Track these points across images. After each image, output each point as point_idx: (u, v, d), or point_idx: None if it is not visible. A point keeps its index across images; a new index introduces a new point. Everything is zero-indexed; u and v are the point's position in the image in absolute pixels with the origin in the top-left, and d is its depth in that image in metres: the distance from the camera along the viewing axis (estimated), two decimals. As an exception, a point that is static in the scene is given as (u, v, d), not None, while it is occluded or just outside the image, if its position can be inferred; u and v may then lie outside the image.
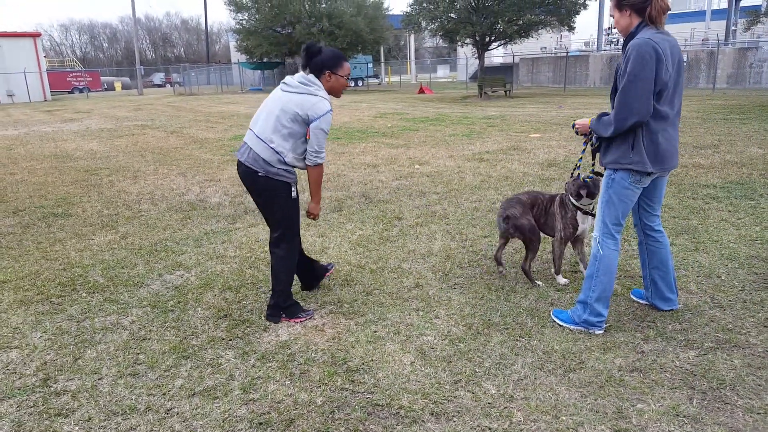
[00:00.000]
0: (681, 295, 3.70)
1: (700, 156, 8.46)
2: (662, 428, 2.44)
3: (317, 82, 3.33)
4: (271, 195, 3.39)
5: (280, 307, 3.54)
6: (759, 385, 2.72)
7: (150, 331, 3.47)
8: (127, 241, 5.31)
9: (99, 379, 2.95)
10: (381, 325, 3.45)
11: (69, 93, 46.48)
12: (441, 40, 33.23)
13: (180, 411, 2.67)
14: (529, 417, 2.54)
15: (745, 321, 3.35)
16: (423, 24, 29.44)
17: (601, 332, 3.25)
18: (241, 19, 37.47)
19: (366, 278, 4.20)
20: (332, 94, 3.43)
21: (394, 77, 51.23)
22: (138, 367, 3.06)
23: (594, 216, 3.77)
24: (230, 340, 3.33)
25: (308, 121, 3.25)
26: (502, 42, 29.73)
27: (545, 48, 40.97)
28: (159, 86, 57.70)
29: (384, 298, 3.84)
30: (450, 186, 7.13)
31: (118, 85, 53.26)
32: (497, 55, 42.62)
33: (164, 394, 2.80)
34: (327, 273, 4.06)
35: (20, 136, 14.73)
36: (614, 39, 35.04)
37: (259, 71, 46.99)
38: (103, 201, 6.98)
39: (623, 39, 3.09)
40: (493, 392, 2.73)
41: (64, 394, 2.83)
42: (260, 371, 2.98)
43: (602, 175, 3.57)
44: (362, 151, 10.24)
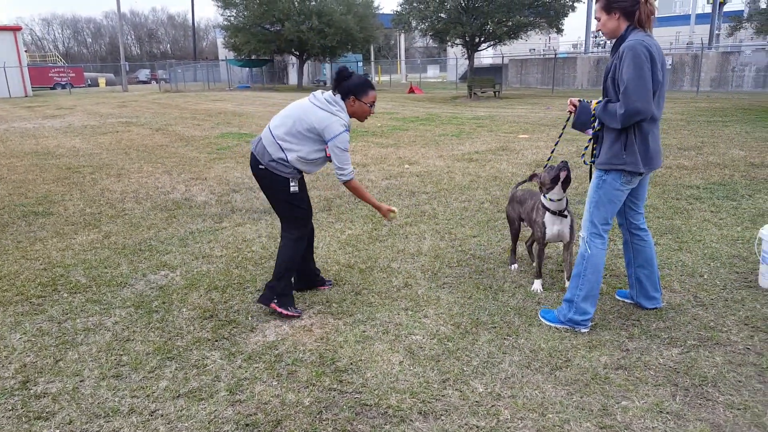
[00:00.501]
0: (665, 294, 3.74)
1: (684, 157, 8.56)
2: (646, 425, 2.46)
3: (341, 104, 3.49)
4: (271, 188, 3.55)
5: (275, 293, 3.58)
6: (740, 382, 2.77)
7: (134, 332, 3.43)
8: (111, 241, 5.25)
9: (81, 381, 2.91)
10: (370, 325, 3.44)
11: (51, 89, 45.91)
12: (431, 40, 33.31)
13: (164, 413, 2.64)
14: (516, 415, 2.55)
15: (727, 319, 3.40)
16: (413, 23, 29.51)
17: (587, 331, 3.28)
18: (229, 16, 37.19)
19: (355, 278, 4.19)
20: (355, 118, 3.59)
21: (384, 77, 51.24)
22: (121, 369, 3.02)
23: (566, 216, 3.72)
24: (216, 341, 3.30)
25: (325, 140, 3.42)
26: (492, 43, 29.88)
27: (534, 49, 41.19)
28: (144, 83, 57.19)
29: (373, 298, 3.83)
30: (439, 186, 7.14)
31: (102, 81, 52.70)
32: (487, 56, 42.79)
33: (148, 396, 2.77)
34: (322, 287, 4.03)
35: (0, 133, 14.51)
36: (602, 41, 35.31)
37: (247, 68, 46.74)
38: (86, 199, 6.90)
39: (612, 42, 3.10)
40: (481, 391, 2.73)
41: (45, 397, 2.78)
42: (247, 372, 2.96)
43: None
44: (352, 151, 10.17)
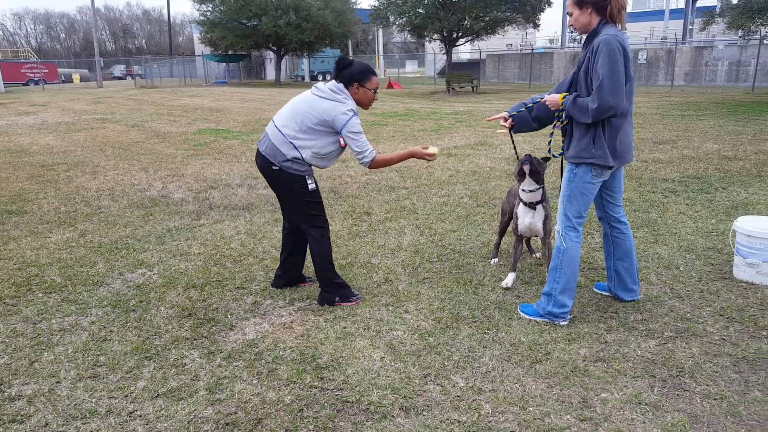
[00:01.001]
0: (642, 286, 3.79)
1: (659, 151, 8.69)
2: (625, 416, 2.49)
3: (346, 92, 3.45)
4: (288, 188, 3.50)
5: (335, 291, 3.63)
6: (716, 372, 2.81)
7: (111, 332, 3.37)
8: (86, 239, 5.16)
9: (57, 383, 2.85)
10: (350, 321, 3.43)
11: (24, 85, 44.87)
12: (409, 36, 33.28)
13: (143, 413, 2.60)
14: (497, 409, 2.56)
15: (703, 310, 3.46)
16: (391, 19, 29.47)
17: (566, 323, 3.31)
18: (206, 11, 36.71)
19: (334, 274, 4.17)
20: (359, 106, 3.55)
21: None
22: (98, 369, 2.96)
23: (535, 209, 3.72)
24: (195, 340, 3.26)
25: (338, 130, 3.38)
26: (469, 38, 29.99)
27: (511, 45, 41.48)
28: (119, 78, 56.24)
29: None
30: (419, 181, 7.15)
31: (77, 77, 51.63)
32: (464, 51, 42.97)
33: (126, 397, 2.72)
34: (302, 284, 4.01)
35: (-28, 130, 14.16)
36: (578, 37, 35.69)
37: (224, 64, 46.25)
38: (61, 197, 6.76)
39: (584, 36, 3.12)
40: (462, 385, 2.74)
41: (19, 399, 2.72)
42: (226, 371, 2.93)
43: (548, 159, 3.66)
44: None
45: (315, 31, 34.42)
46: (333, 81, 3.49)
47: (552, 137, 3.60)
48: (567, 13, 3.14)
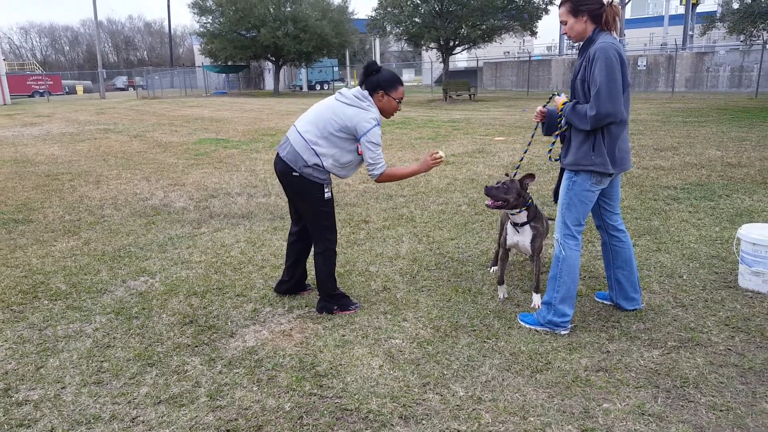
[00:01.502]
0: (644, 295, 3.78)
1: (661, 158, 8.69)
2: (628, 427, 2.48)
3: (370, 99, 3.41)
4: (306, 195, 3.46)
5: (335, 300, 3.64)
6: (721, 383, 2.79)
7: (114, 339, 3.39)
8: (90, 247, 5.17)
9: (62, 388, 2.87)
10: (349, 329, 3.43)
11: (29, 97, 45.14)
12: (406, 45, 33.46)
13: (146, 419, 2.61)
14: (498, 418, 2.56)
15: (707, 320, 3.44)
16: (388, 28, 29.66)
17: (567, 333, 3.30)
18: (206, 23, 37.00)
19: (334, 282, 4.18)
20: (382, 114, 3.50)
21: (361, 81, 51.16)
22: (102, 375, 2.98)
23: (523, 230, 3.61)
24: (196, 347, 3.27)
25: (357, 136, 3.33)
26: (466, 46, 30.14)
27: (508, 52, 41.63)
28: (122, 90, 56.50)
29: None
30: (416, 189, 7.16)
31: (80, 89, 51.90)
32: (461, 60, 43.14)
33: (129, 403, 2.73)
34: (303, 292, 4.01)
35: (-25, 141, 14.22)
36: (576, 44, 35.83)
37: (224, 74, 46.47)
38: (65, 206, 6.79)
39: (580, 44, 3.15)
40: (462, 394, 2.74)
41: (26, 404, 2.74)
42: (227, 378, 2.93)
43: (532, 177, 3.59)
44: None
45: (313, 42, 34.64)
46: (357, 87, 3.44)
47: (553, 146, 3.60)
48: (561, 22, 3.16)
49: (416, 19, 27.89)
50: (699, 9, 33.18)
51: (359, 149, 3.38)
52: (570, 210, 3.21)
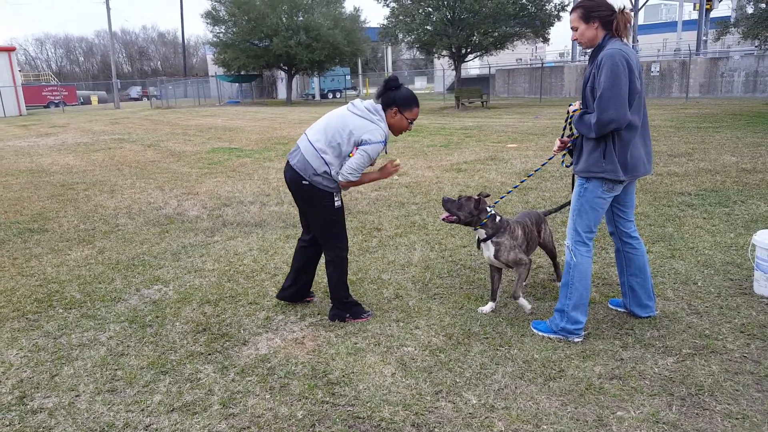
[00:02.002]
0: (658, 302, 3.74)
1: (675, 164, 8.63)
2: (641, 434, 2.46)
3: (382, 114, 3.42)
4: (315, 203, 3.48)
5: (347, 309, 3.64)
6: (737, 391, 2.75)
7: (128, 347, 3.42)
8: (104, 256, 5.23)
9: (76, 396, 2.89)
10: (361, 337, 3.43)
11: (44, 107, 45.87)
12: (418, 52, 33.54)
13: (159, 427, 2.62)
14: (510, 426, 2.54)
15: (722, 327, 3.40)
16: (400, 36, 29.73)
17: (580, 340, 3.28)
18: (219, 33, 37.39)
19: (346, 290, 4.19)
20: (391, 130, 3.50)
21: (372, 89, 51.43)
22: (116, 384, 3.00)
23: (485, 245, 3.59)
24: (209, 355, 3.29)
25: (357, 142, 3.34)
26: (478, 54, 30.12)
27: (521, 59, 41.57)
28: (136, 100, 57.19)
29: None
30: (429, 196, 7.16)
31: (95, 99, 52.64)
32: (474, 67, 43.13)
33: (143, 411, 2.75)
34: (307, 299, 4.02)
35: (-7, 151, 14.46)
36: (588, 50, 35.72)
37: (237, 84, 46.87)
38: (80, 216, 6.88)
39: (590, 51, 3.15)
40: (474, 402, 2.73)
41: (41, 412, 2.77)
42: (240, 385, 2.95)
43: (487, 196, 3.56)
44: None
45: (325, 51, 34.85)
46: (371, 101, 3.46)
47: (566, 151, 3.58)
48: (572, 28, 3.16)
49: (428, 27, 27.94)
50: (713, 14, 32.94)
51: (353, 152, 3.38)
52: (581, 216, 3.20)
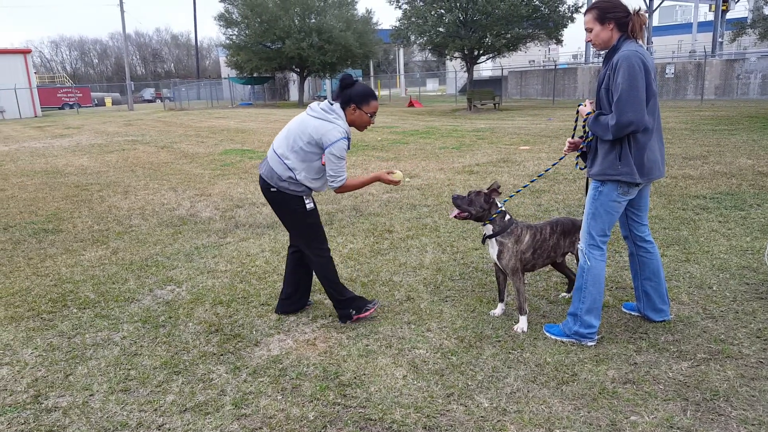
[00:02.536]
0: (673, 306, 3.71)
1: (690, 167, 8.54)
2: (656, 439, 2.43)
3: (339, 112, 3.44)
4: (286, 208, 3.52)
5: (349, 307, 3.63)
6: (753, 396, 2.72)
7: (141, 347, 3.44)
8: (118, 257, 5.28)
9: (90, 396, 2.92)
10: (373, 339, 3.43)
11: (59, 109, 46.41)
12: (430, 54, 33.50)
13: (172, 427, 2.64)
14: (523, 430, 2.53)
15: (738, 332, 3.36)
16: (412, 38, 29.71)
17: (594, 344, 3.25)
18: (231, 35, 37.59)
19: (357, 292, 4.19)
20: (354, 127, 3.53)
21: (384, 91, 51.46)
22: (129, 383, 3.03)
23: (491, 243, 3.53)
24: (221, 355, 3.30)
25: (323, 147, 3.37)
26: (491, 55, 30.03)
27: (534, 61, 41.38)
28: (149, 101, 57.66)
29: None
30: (440, 198, 7.15)
31: (109, 101, 53.20)
32: (486, 69, 43.00)
33: (156, 410, 2.77)
34: (307, 307, 3.97)
35: (10, 152, 14.65)
36: (602, 52, 35.48)
37: (249, 86, 47.11)
38: (94, 216, 6.94)
39: (605, 52, 3.12)
40: (486, 405, 2.72)
41: (55, 411, 2.80)
42: (252, 386, 2.96)
43: (498, 189, 3.50)
44: (352, 165, 10.26)
45: (337, 53, 34.91)
46: (326, 101, 3.49)
47: (580, 152, 3.56)
48: (586, 29, 3.13)
49: (440, 29, 27.89)
50: (729, 15, 32.60)
51: (322, 159, 3.41)
52: (596, 220, 3.18)
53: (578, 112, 3.30)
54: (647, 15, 3.58)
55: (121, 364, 3.23)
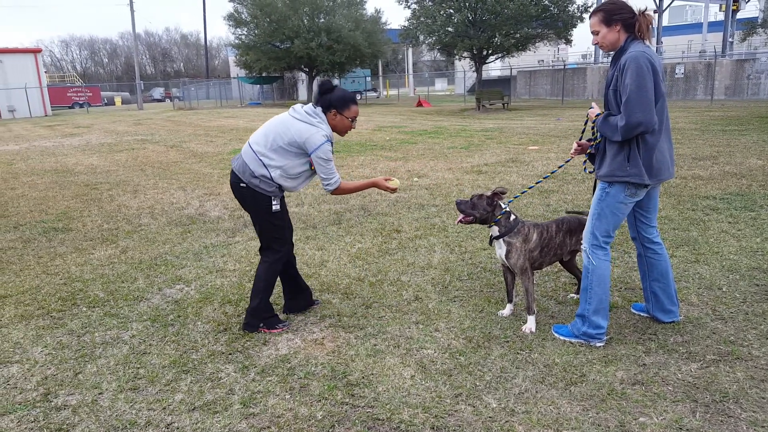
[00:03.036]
0: (682, 307, 3.69)
1: (699, 167, 8.49)
2: (665, 441, 2.42)
3: (322, 116, 3.44)
4: (253, 206, 3.50)
5: (259, 317, 3.58)
6: (762, 398, 2.71)
7: (150, 346, 3.46)
8: (127, 256, 5.31)
9: (99, 394, 2.94)
10: (381, 339, 3.44)
11: (69, 108, 46.78)
12: (439, 54, 33.46)
13: (180, 426, 2.65)
14: (531, 431, 2.53)
15: (748, 333, 3.34)
16: (421, 38, 29.69)
17: (602, 345, 3.24)
18: (240, 34, 37.73)
19: (365, 291, 4.20)
20: (335, 132, 3.52)
21: (392, 91, 51.47)
22: (138, 382, 3.05)
23: (498, 244, 3.53)
24: (230, 354, 3.32)
25: (308, 152, 3.37)
26: (500, 55, 29.97)
27: (543, 61, 41.26)
28: (159, 101, 57.98)
29: (383, 312, 3.83)
30: (449, 198, 7.14)
31: (118, 100, 53.55)
32: (495, 68, 42.91)
33: (164, 409, 2.79)
34: (311, 306, 3.97)
35: (21, 151, 14.78)
36: (611, 52, 35.33)
37: (258, 86, 47.26)
38: (104, 215, 6.99)
39: (612, 54, 3.12)
40: (494, 406, 2.72)
41: (65, 409, 2.82)
42: (260, 385, 2.97)
43: (503, 193, 3.48)
44: (361, 164, 10.27)
45: (346, 53, 34.95)
46: (310, 105, 3.48)
47: (587, 156, 3.55)
48: (592, 32, 3.12)
49: (449, 29, 27.86)
50: (739, 15, 32.35)
51: (311, 164, 3.41)
52: (600, 221, 3.17)
53: (588, 116, 3.30)
54: (654, 15, 3.55)
55: (130, 363, 3.25)
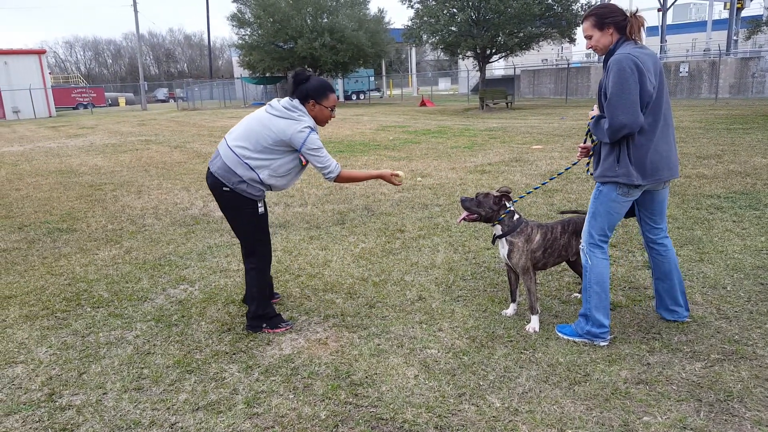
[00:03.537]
0: (686, 306, 3.68)
1: (704, 166, 8.46)
2: (669, 441, 2.42)
3: (301, 108, 3.36)
4: (237, 211, 3.43)
5: (260, 318, 3.57)
6: (767, 397, 2.70)
7: (154, 346, 3.47)
8: (132, 256, 5.32)
9: (104, 394, 2.95)
10: (384, 338, 3.44)
11: (74, 109, 46.96)
12: (442, 53, 33.41)
13: (184, 425, 2.66)
14: (534, 430, 2.52)
15: (752, 332, 3.33)
16: (424, 37, 29.65)
17: (606, 344, 3.24)
18: (244, 35, 37.81)
19: (369, 291, 4.20)
20: (316, 122, 3.45)
21: (396, 90, 51.47)
22: (142, 382, 3.06)
23: (501, 243, 3.52)
24: (234, 354, 3.32)
25: (297, 148, 3.31)
26: (503, 54, 29.90)
27: (546, 60, 41.16)
28: (162, 101, 58.16)
29: (387, 311, 3.83)
30: (452, 198, 7.14)
31: (122, 101, 53.73)
32: (498, 68, 42.86)
33: (168, 409, 2.80)
34: (273, 300, 3.92)
35: (25, 152, 14.83)
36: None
37: (262, 86, 47.34)
38: (108, 216, 7.01)
39: (603, 56, 3.12)
40: (498, 405, 2.71)
41: (69, 409, 2.83)
42: (264, 385, 2.97)
43: (509, 194, 3.49)
44: (364, 164, 10.27)
45: (349, 52, 34.98)
46: (287, 98, 3.38)
47: (591, 158, 3.55)
48: (585, 37, 3.12)
49: (453, 28, 27.81)
50: (744, 13, 32.21)
51: (302, 159, 3.35)
52: (596, 219, 3.19)
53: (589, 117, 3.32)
54: (644, 17, 3.55)
55: (135, 363, 3.26)
